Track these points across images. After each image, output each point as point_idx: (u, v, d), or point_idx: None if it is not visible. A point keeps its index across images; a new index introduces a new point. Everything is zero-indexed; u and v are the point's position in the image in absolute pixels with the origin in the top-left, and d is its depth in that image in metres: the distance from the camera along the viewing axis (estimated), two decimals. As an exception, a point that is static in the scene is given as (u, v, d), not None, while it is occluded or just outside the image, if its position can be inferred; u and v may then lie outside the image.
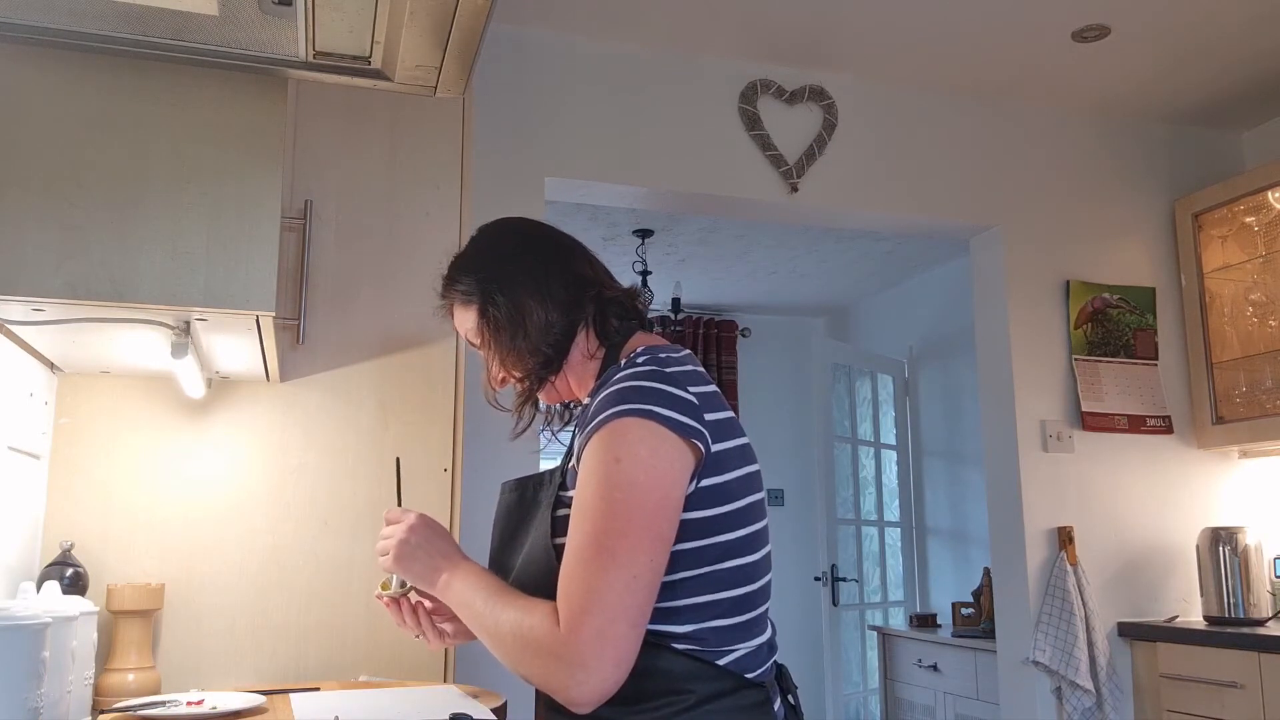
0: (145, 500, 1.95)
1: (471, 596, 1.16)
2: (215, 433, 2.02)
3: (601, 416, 1.10)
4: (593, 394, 1.19)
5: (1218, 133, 3.62)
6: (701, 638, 1.11)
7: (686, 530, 1.10)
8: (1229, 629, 2.88)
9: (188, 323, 1.57)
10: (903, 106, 3.26)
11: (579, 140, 2.91)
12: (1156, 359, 3.37)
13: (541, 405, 1.36)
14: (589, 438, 1.11)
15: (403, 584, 1.34)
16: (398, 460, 1.45)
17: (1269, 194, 3.16)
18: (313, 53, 1.48)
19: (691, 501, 1.11)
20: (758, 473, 1.19)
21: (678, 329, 5.37)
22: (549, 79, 2.91)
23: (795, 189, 3.06)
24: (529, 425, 1.36)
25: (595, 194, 3.03)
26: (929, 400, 5.18)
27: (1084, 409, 3.23)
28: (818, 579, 4.84)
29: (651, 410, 1.09)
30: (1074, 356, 3.27)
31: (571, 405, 1.38)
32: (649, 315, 1.37)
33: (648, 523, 1.05)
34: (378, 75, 1.55)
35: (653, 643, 1.09)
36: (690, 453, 1.10)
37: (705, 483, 1.12)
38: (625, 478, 1.06)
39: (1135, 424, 3.28)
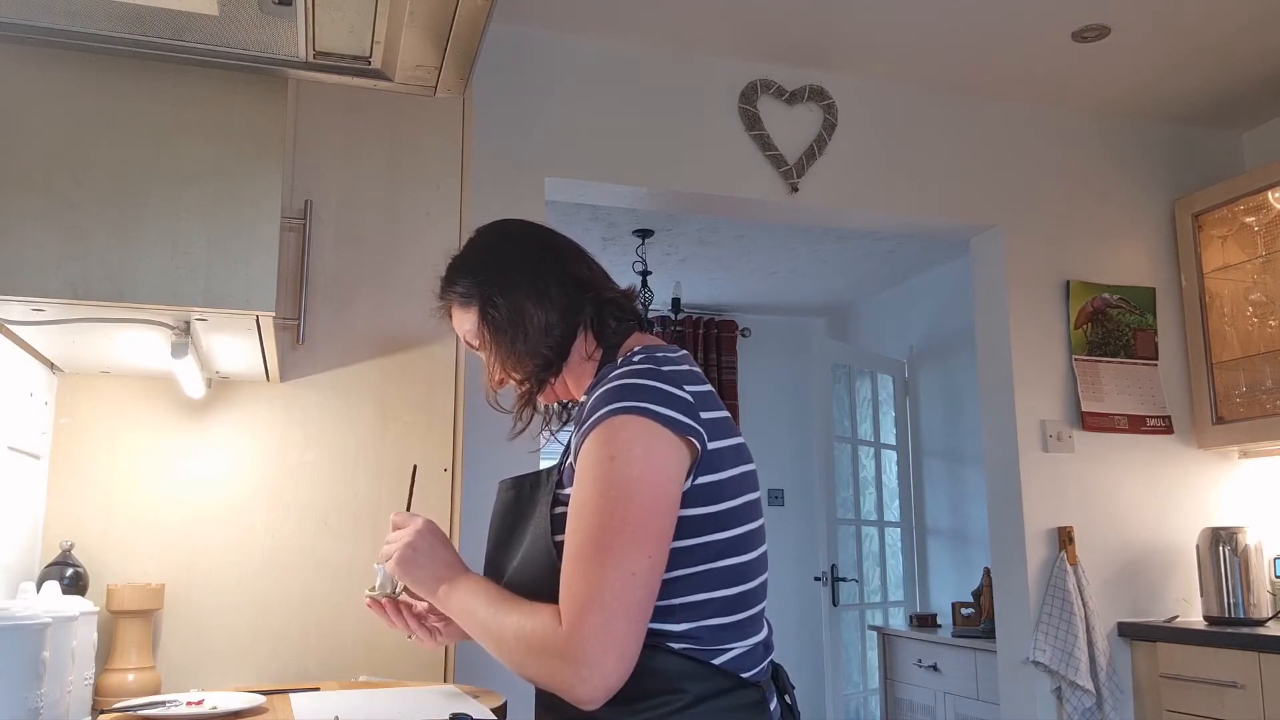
0: (145, 500, 1.95)
1: (473, 605, 1.17)
2: (215, 433, 2.02)
3: (597, 414, 1.10)
4: (588, 392, 1.20)
5: (1218, 133, 3.62)
6: (696, 636, 1.11)
7: (682, 528, 1.10)
8: (1229, 629, 2.87)
9: (188, 323, 1.57)
10: (903, 106, 3.26)
11: (579, 140, 2.91)
12: (1156, 359, 3.37)
13: (540, 406, 1.36)
14: (585, 436, 1.11)
15: (389, 587, 1.34)
16: (414, 468, 1.47)
17: (1269, 194, 3.16)
18: (313, 53, 1.48)
19: (687, 499, 1.11)
20: (753, 472, 1.20)
21: (678, 329, 5.36)
22: (549, 79, 2.90)
23: (795, 189, 3.06)
24: (527, 426, 1.36)
25: (595, 194, 3.03)
26: (929, 400, 5.18)
27: (1084, 409, 3.23)
28: (818, 579, 4.84)
29: (647, 408, 1.09)
30: (1074, 356, 3.27)
31: (570, 405, 1.38)
32: (649, 315, 1.36)
33: (645, 520, 1.06)
34: (378, 75, 1.56)
35: (648, 642, 1.08)
36: (686, 450, 1.10)
37: (700, 480, 1.12)
38: (621, 475, 1.06)
39: (1135, 424, 3.28)
